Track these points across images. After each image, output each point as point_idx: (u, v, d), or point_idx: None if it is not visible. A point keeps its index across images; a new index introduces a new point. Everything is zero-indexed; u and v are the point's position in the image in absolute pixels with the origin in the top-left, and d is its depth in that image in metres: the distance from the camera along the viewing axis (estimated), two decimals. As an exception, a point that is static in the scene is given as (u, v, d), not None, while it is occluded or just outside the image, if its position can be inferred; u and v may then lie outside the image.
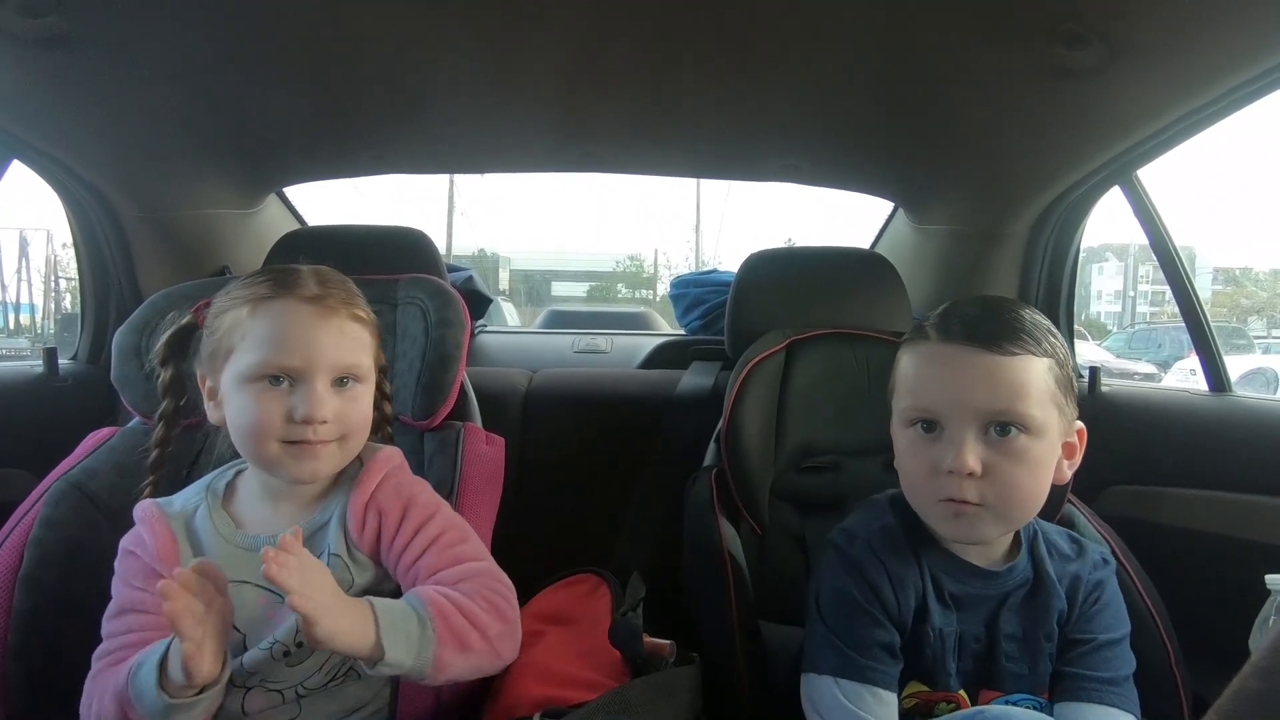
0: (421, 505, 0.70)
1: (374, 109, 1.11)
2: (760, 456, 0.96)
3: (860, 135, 1.18)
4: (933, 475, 0.65)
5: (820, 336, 1.05)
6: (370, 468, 0.71)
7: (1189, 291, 1.12)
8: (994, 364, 0.63)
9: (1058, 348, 0.66)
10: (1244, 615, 0.74)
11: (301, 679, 0.66)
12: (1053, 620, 0.68)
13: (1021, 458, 0.63)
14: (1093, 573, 0.71)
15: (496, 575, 0.68)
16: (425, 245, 1.15)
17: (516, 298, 13.19)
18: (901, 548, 0.69)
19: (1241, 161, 27.40)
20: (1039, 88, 0.89)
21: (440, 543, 0.68)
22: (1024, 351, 0.63)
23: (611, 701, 0.63)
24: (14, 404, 1.16)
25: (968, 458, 0.62)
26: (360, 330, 0.70)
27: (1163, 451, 1.06)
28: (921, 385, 0.67)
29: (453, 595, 0.63)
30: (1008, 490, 0.63)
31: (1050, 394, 0.64)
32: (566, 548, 1.07)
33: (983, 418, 0.63)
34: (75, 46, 0.83)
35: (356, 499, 0.69)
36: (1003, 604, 0.68)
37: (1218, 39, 0.76)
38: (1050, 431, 0.64)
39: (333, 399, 0.66)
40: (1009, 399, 0.62)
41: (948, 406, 0.64)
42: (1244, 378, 5.52)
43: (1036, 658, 0.68)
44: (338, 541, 0.68)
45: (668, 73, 0.98)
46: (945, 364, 0.65)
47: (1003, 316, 0.65)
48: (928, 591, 0.67)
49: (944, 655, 0.67)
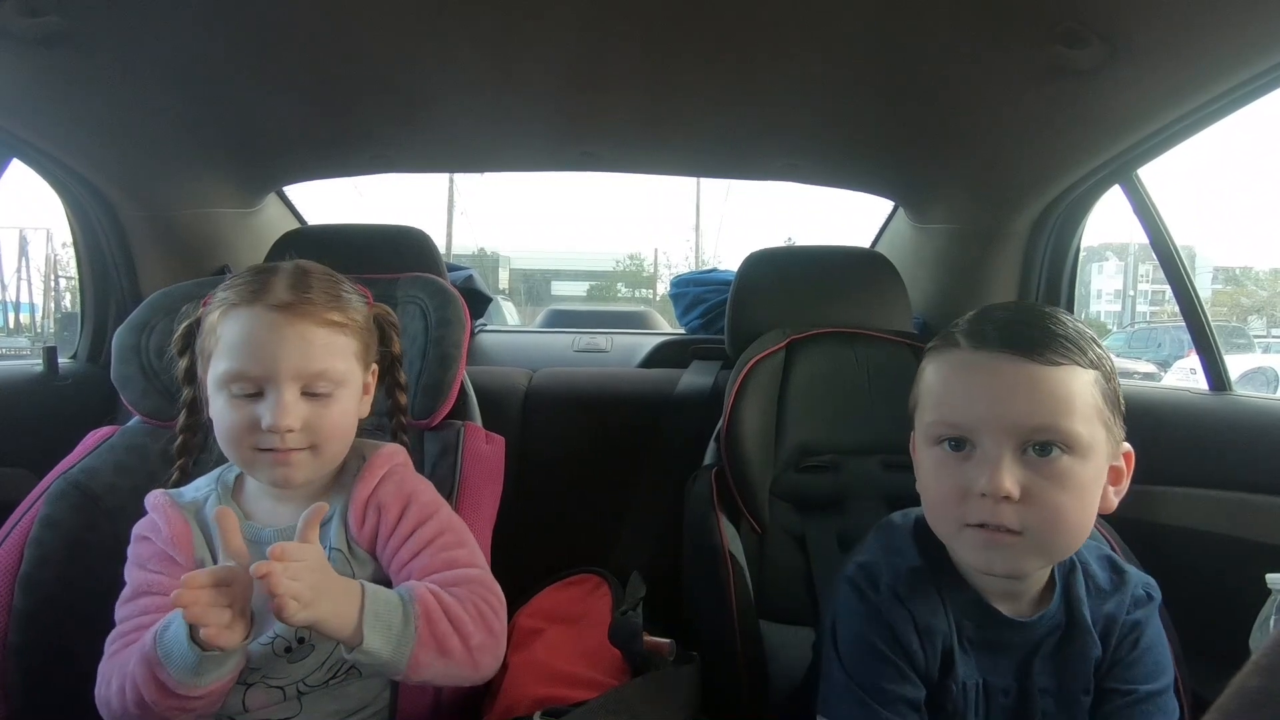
0: (421, 504, 0.70)
1: (374, 108, 1.11)
2: (760, 455, 0.96)
3: (860, 134, 1.18)
4: (962, 500, 0.57)
5: (820, 335, 1.05)
6: (373, 464, 0.71)
7: (1189, 290, 1.11)
8: (1035, 374, 0.56)
9: (1104, 359, 0.59)
10: (1244, 615, 0.74)
11: (302, 676, 0.66)
12: (1089, 670, 0.61)
13: (1065, 481, 0.55)
14: (1131, 611, 0.63)
15: (489, 585, 0.68)
16: (425, 244, 1.15)
17: (516, 297, 13.19)
18: (928, 592, 0.62)
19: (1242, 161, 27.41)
20: (1039, 86, 0.89)
21: (436, 544, 0.68)
22: (1068, 361, 0.56)
23: (611, 700, 0.63)
24: (14, 403, 1.15)
25: (1004, 479, 0.55)
26: (333, 335, 0.67)
27: (1163, 451, 1.06)
28: (950, 398, 0.60)
29: (444, 597, 0.63)
30: (1051, 517, 0.55)
31: (1097, 410, 0.57)
32: (566, 547, 1.07)
33: (1021, 435, 0.56)
34: (75, 45, 0.83)
35: (358, 495, 0.69)
36: (1034, 653, 0.61)
37: (1218, 37, 0.76)
38: (1097, 452, 0.57)
39: (301, 407, 0.64)
40: (1052, 413, 0.55)
41: (981, 421, 0.57)
42: (1244, 377, 5.52)
43: (1075, 714, 0.61)
44: (339, 537, 0.69)
45: (668, 71, 0.97)
46: (978, 374, 0.58)
47: (1043, 322, 0.58)
48: (953, 639, 0.61)
49: (966, 710, 0.61)
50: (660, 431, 1.27)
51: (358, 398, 0.71)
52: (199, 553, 0.68)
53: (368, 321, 0.73)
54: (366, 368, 0.73)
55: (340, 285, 0.71)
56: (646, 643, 0.73)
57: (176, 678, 0.56)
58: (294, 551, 0.55)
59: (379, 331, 0.76)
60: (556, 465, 1.32)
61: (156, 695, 0.57)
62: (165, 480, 0.77)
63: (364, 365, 0.72)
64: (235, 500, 0.71)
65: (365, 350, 0.72)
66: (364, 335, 0.71)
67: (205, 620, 0.53)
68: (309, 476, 0.68)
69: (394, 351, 0.78)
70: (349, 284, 0.73)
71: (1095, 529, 0.83)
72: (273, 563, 0.52)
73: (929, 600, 0.61)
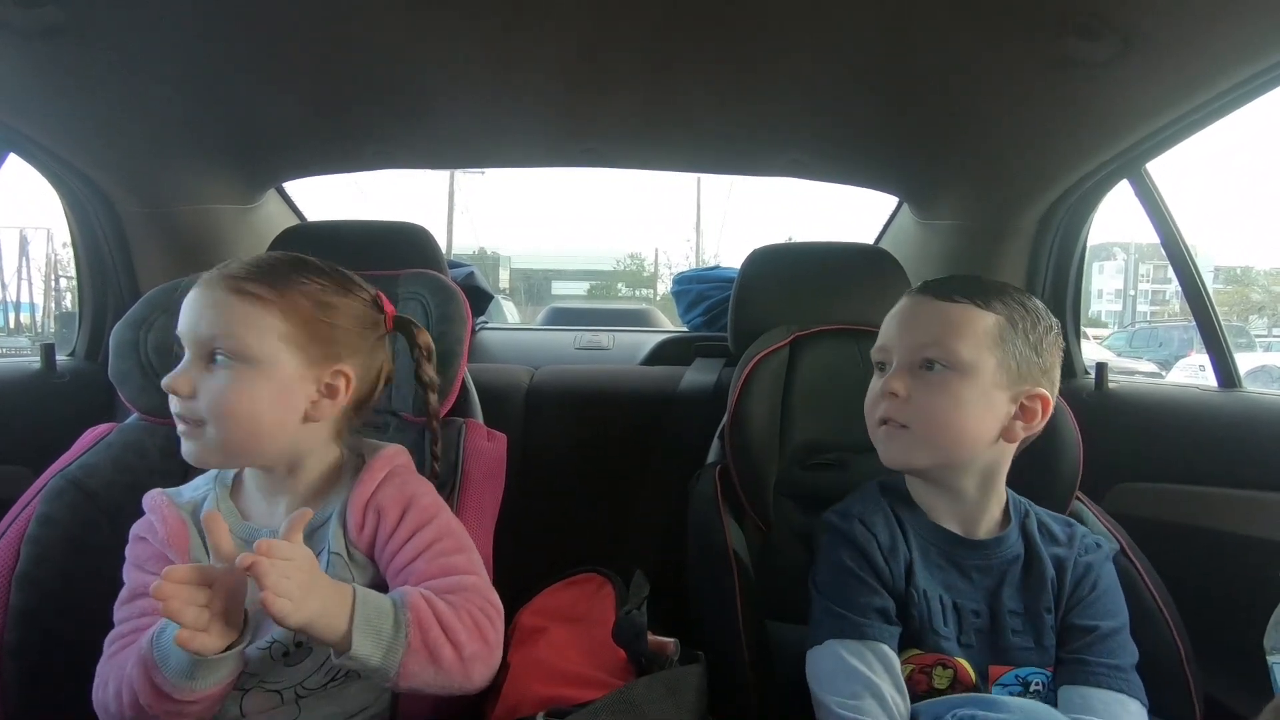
0: (421, 508, 0.69)
1: (374, 104, 1.10)
2: (764, 453, 0.95)
3: (865, 129, 1.17)
4: (875, 403, 0.75)
5: (824, 332, 1.04)
6: (372, 466, 0.69)
7: (1198, 286, 1.10)
8: (935, 307, 0.72)
9: (1018, 314, 0.71)
10: (1256, 614, 0.73)
11: (300, 679, 0.65)
12: (1048, 591, 0.72)
13: (943, 389, 0.70)
14: (1082, 555, 0.74)
15: (486, 594, 0.66)
16: (427, 241, 1.14)
17: (517, 297, 13.18)
18: (889, 519, 0.75)
19: (1242, 160, 27.39)
20: (1048, 80, 0.88)
21: (434, 550, 0.66)
22: (969, 302, 0.71)
23: (616, 700, 0.62)
24: (11, 400, 1.15)
25: (894, 381, 0.72)
26: (248, 306, 0.63)
27: (1172, 448, 1.05)
28: (882, 333, 0.77)
29: (438, 605, 0.61)
30: (927, 415, 0.71)
31: (987, 342, 0.70)
32: (569, 545, 1.07)
33: (915, 352, 0.72)
34: (72, 38, 0.82)
35: (357, 497, 0.67)
36: (1001, 580, 0.72)
37: (1230, 30, 0.75)
38: (980, 374, 0.69)
39: (198, 375, 0.63)
40: (937, 334, 0.71)
41: (892, 343, 0.75)
42: (1249, 375, 5.50)
43: (1041, 631, 0.71)
44: (337, 540, 0.67)
45: (670, 68, 0.97)
46: (900, 312, 0.76)
47: (968, 279, 0.74)
48: (914, 556, 0.72)
49: (931, 617, 0.70)
50: (663, 429, 1.26)
51: (282, 387, 0.64)
52: (195, 553, 0.67)
53: (327, 315, 0.66)
54: (314, 362, 0.65)
55: (303, 271, 0.67)
56: (651, 642, 0.72)
57: (172, 681, 0.55)
58: (281, 549, 0.53)
59: (397, 337, 0.74)
60: (559, 463, 1.31)
61: (152, 698, 0.56)
62: (164, 478, 0.75)
63: (304, 356, 0.65)
64: (233, 500, 0.70)
65: (307, 340, 0.65)
66: (308, 325, 0.65)
67: (181, 617, 0.52)
68: (210, 459, 0.65)
69: (425, 344, 0.77)
70: (342, 280, 0.69)
71: (1104, 526, 0.83)
72: (259, 556, 0.51)
73: (889, 526, 0.74)
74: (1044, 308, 0.74)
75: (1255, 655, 0.72)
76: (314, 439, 0.69)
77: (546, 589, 0.91)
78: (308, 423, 0.66)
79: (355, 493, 0.68)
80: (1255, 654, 0.72)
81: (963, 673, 0.69)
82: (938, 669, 0.69)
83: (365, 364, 0.70)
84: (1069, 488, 0.85)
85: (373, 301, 0.72)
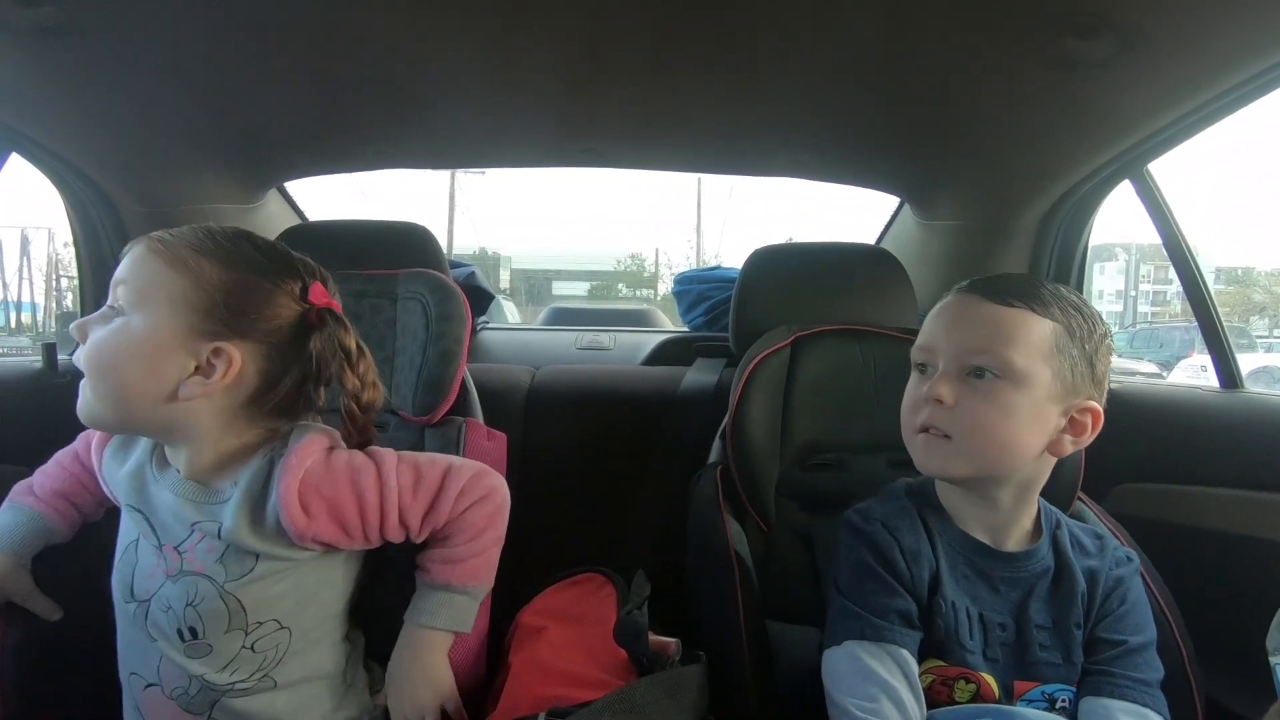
0: (376, 496, 0.66)
1: (375, 104, 1.10)
2: (766, 453, 0.95)
3: (866, 130, 1.17)
4: (916, 408, 0.69)
5: (826, 333, 1.04)
6: (288, 462, 0.64)
7: (1200, 287, 1.10)
8: (987, 310, 0.66)
9: (1075, 321, 0.66)
10: (1259, 615, 0.72)
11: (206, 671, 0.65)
12: (1079, 605, 0.69)
13: (993, 398, 0.65)
14: (1113, 569, 0.71)
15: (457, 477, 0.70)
16: (427, 240, 1.14)
17: (517, 297, 13.17)
18: (914, 523, 0.71)
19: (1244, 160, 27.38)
20: (1049, 80, 0.88)
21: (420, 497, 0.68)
22: (1024, 306, 0.65)
23: (617, 700, 0.62)
24: (12, 400, 1.14)
25: (941, 386, 0.66)
26: (159, 264, 0.61)
27: (1174, 448, 1.05)
28: (926, 331, 0.71)
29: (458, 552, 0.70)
30: (973, 426, 0.65)
31: (1044, 351, 0.65)
32: (570, 545, 1.06)
33: (964, 357, 0.66)
34: (73, 38, 0.82)
35: (286, 487, 0.62)
36: (1029, 594, 0.69)
37: (1231, 30, 0.75)
38: (1034, 386, 0.65)
39: (96, 323, 0.62)
40: (989, 340, 0.65)
41: (938, 345, 0.69)
42: (1250, 375, 5.50)
43: (1070, 646, 0.68)
44: (238, 523, 0.63)
45: (670, 67, 0.96)
46: (946, 310, 0.70)
47: (1022, 280, 0.68)
48: (940, 564, 0.69)
49: (957, 629, 0.67)
50: (664, 429, 1.26)
51: (153, 348, 0.60)
52: (105, 474, 0.71)
53: (231, 291, 0.62)
54: (195, 334, 0.61)
55: (234, 243, 0.64)
56: (652, 642, 0.72)
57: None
58: None
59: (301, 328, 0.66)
60: (559, 463, 1.31)
61: None
62: None
63: (185, 324, 0.60)
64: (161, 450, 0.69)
65: (193, 309, 0.60)
66: (205, 294, 0.61)
67: None
68: (87, 413, 0.63)
69: (345, 346, 0.67)
70: (276, 265, 0.65)
71: (1106, 527, 0.83)
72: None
73: (915, 531, 0.71)
74: (1098, 314, 0.69)
75: (1257, 656, 0.71)
76: (194, 421, 0.63)
77: (547, 589, 0.91)
78: (180, 401, 0.61)
79: (284, 481, 0.63)
80: (1257, 655, 0.71)
81: (986, 689, 0.67)
82: (960, 683, 0.67)
83: (269, 355, 0.63)
84: (1071, 488, 0.85)
85: (299, 293, 0.65)
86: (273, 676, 0.66)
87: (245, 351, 0.62)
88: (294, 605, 0.67)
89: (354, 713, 0.71)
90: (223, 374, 0.61)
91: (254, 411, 0.65)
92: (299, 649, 0.67)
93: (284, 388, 0.65)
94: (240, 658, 0.64)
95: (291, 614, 0.66)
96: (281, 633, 0.66)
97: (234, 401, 0.64)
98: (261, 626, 0.65)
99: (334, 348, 0.66)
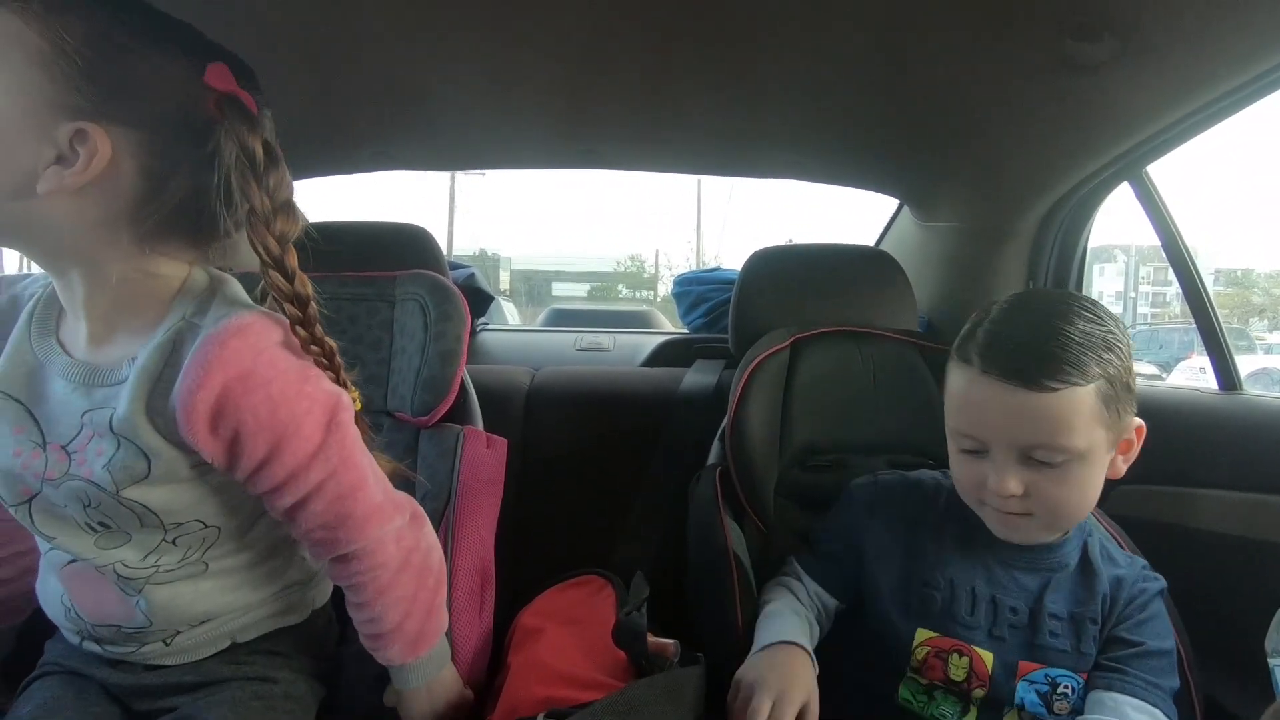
0: (303, 438, 0.55)
1: (375, 106, 1.10)
2: (765, 455, 0.95)
3: (865, 132, 1.17)
4: (979, 487, 0.68)
5: (825, 334, 1.04)
6: (211, 351, 0.51)
7: (1199, 289, 1.10)
8: (1034, 402, 0.62)
9: (1110, 363, 0.63)
10: (1258, 617, 0.73)
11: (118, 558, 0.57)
12: (1098, 603, 0.70)
13: (1065, 479, 0.64)
14: (1139, 581, 0.72)
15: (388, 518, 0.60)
16: (427, 242, 1.14)
17: (517, 298, 13.18)
18: (925, 511, 0.77)
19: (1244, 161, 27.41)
20: (1048, 82, 0.88)
21: (324, 494, 0.57)
22: (1066, 385, 0.62)
23: (616, 701, 0.62)
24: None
25: (1009, 484, 0.64)
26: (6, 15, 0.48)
27: (1173, 450, 1.05)
28: (966, 412, 0.68)
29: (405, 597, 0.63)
30: (1053, 506, 0.66)
31: (1097, 418, 0.63)
32: (569, 546, 1.06)
33: (1021, 450, 0.64)
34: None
35: (189, 388, 0.50)
36: (1047, 583, 0.71)
37: (1230, 32, 0.75)
38: (1096, 452, 0.64)
39: None
40: (1049, 435, 0.63)
41: (989, 437, 0.66)
42: (1250, 377, 5.50)
43: (1081, 637, 0.69)
44: (132, 409, 0.52)
45: (670, 69, 0.96)
46: (987, 397, 0.65)
47: (1047, 346, 0.63)
48: (948, 544, 0.73)
49: (953, 604, 0.71)
50: (663, 431, 1.26)
51: (3, 127, 0.48)
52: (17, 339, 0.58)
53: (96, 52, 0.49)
54: (52, 106, 0.48)
55: None
56: (651, 644, 0.72)
57: None
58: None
59: None
60: (559, 465, 1.31)
61: None
62: None
63: (39, 93, 0.48)
64: (50, 308, 0.59)
65: (49, 75, 0.48)
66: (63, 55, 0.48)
67: None
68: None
69: (248, 148, 0.53)
70: (159, 26, 0.53)
71: (1105, 529, 0.83)
72: None
73: (920, 515, 0.77)
74: (1114, 319, 0.67)
75: (1256, 657, 0.71)
76: (59, 228, 0.51)
77: (547, 590, 0.91)
78: (37, 198, 0.49)
79: (187, 380, 0.51)
80: (1256, 656, 0.71)
81: (979, 663, 0.69)
82: (954, 656, 0.70)
83: (151, 148, 0.51)
84: None
85: (196, 70, 0.52)
86: (204, 561, 0.60)
87: (118, 139, 0.50)
88: (218, 507, 0.58)
89: (299, 575, 0.68)
90: (86, 163, 0.49)
91: (142, 227, 0.52)
92: (230, 545, 0.61)
93: (173, 191, 0.52)
94: (160, 549, 0.57)
95: (217, 515, 0.59)
96: (208, 530, 0.59)
97: (111, 208, 0.51)
98: (181, 526, 0.57)
99: (237, 152, 0.52)
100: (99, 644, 0.62)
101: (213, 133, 0.52)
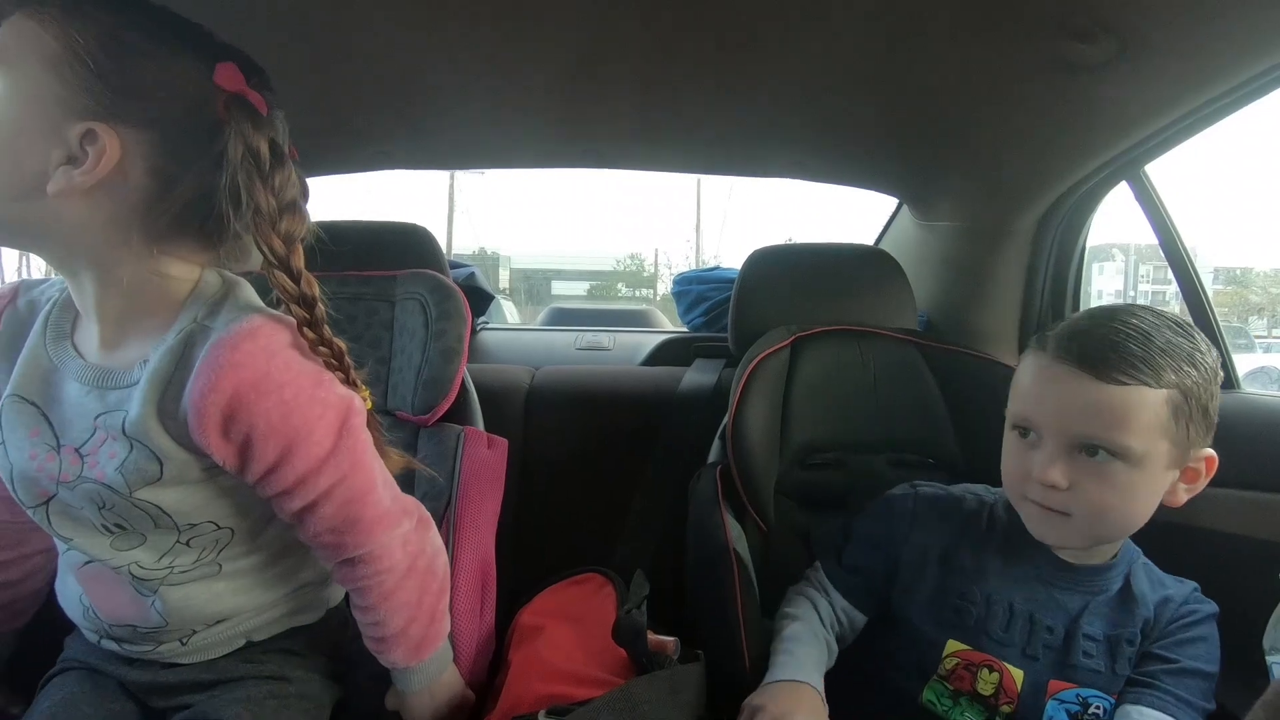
0: (314, 443, 0.55)
1: (375, 105, 1.10)
2: (765, 453, 0.95)
3: (865, 131, 1.17)
4: (1024, 479, 0.67)
5: (825, 333, 1.04)
6: (220, 356, 0.51)
7: (1197, 288, 1.10)
8: (1098, 391, 0.61)
9: (1189, 375, 0.61)
10: (1256, 615, 0.73)
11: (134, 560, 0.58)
12: (1137, 625, 0.68)
13: (1109, 481, 0.62)
14: (1187, 603, 0.70)
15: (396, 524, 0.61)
16: (427, 241, 1.14)
17: (517, 297, 13.18)
18: (967, 527, 0.75)
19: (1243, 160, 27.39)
20: (1047, 82, 0.88)
21: (333, 499, 0.57)
22: (1136, 382, 0.61)
23: (617, 699, 0.62)
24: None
25: (1053, 473, 0.63)
26: (25, 20, 0.50)
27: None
28: (1027, 395, 0.67)
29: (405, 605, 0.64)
30: (1093, 508, 0.64)
31: (1160, 426, 0.61)
32: (569, 545, 1.07)
33: (1073, 437, 0.63)
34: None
35: (200, 391, 0.51)
36: (1086, 606, 0.69)
37: (1228, 32, 0.75)
38: (1152, 462, 0.62)
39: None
40: (1104, 428, 0.61)
41: (1044, 421, 0.65)
42: (1249, 376, 5.50)
43: (1117, 659, 0.68)
44: (144, 413, 0.52)
45: (670, 69, 0.97)
46: (1050, 382, 0.65)
47: (1126, 343, 0.62)
48: (988, 561, 0.72)
49: (988, 620, 0.69)
50: (663, 430, 1.26)
51: (13, 126, 0.49)
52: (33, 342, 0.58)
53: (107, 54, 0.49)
54: (62, 106, 0.49)
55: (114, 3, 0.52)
56: (651, 641, 0.72)
57: None
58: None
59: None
60: (559, 463, 1.31)
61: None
62: None
63: (50, 94, 0.48)
64: (71, 332, 0.58)
65: (60, 77, 0.49)
66: (76, 57, 0.49)
67: None
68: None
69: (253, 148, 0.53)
70: (171, 29, 0.53)
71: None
72: None
73: (959, 530, 0.75)
74: (1208, 343, 0.64)
75: (1256, 656, 0.72)
76: (71, 229, 0.51)
77: (547, 588, 0.91)
78: (48, 198, 0.49)
79: (199, 383, 0.51)
80: (1256, 655, 0.72)
81: (1008, 681, 0.68)
82: (983, 670, 0.69)
83: (161, 148, 0.52)
84: None
85: (205, 71, 0.53)
86: (218, 562, 0.61)
87: (127, 139, 0.50)
88: (231, 508, 0.59)
89: (313, 576, 0.68)
90: (95, 163, 0.49)
91: (152, 228, 0.52)
92: (244, 547, 0.62)
93: (182, 192, 0.52)
94: (174, 550, 0.58)
95: (230, 517, 0.59)
96: (221, 532, 0.59)
97: (121, 208, 0.51)
98: (195, 528, 0.58)
99: (243, 152, 0.52)
100: (117, 643, 0.63)
101: (222, 133, 0.52)
